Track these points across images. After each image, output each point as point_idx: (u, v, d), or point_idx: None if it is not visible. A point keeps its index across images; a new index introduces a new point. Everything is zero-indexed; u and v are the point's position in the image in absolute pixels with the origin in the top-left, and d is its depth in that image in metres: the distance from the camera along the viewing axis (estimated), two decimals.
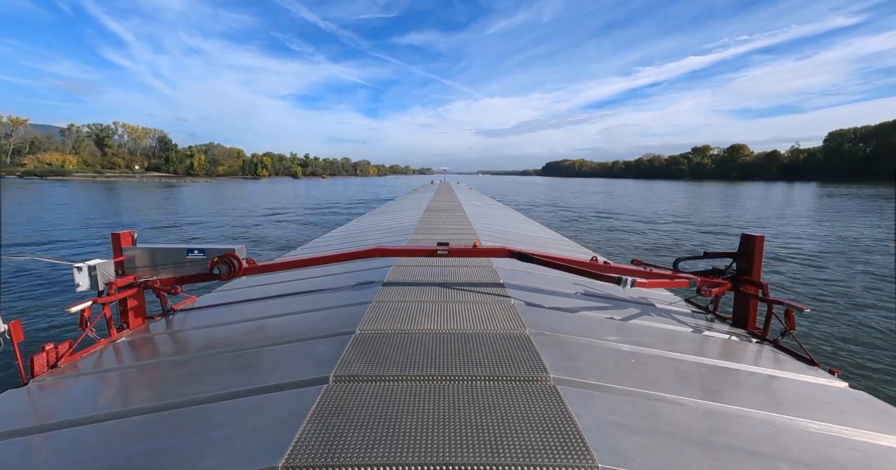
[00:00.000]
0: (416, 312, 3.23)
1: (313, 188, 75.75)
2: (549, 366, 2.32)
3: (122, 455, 1.70)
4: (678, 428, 1.87)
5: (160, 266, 3.69)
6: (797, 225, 23.52)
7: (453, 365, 2.33)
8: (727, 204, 40.92)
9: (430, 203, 15.94)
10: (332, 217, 28.73)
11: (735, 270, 3.89)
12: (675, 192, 65.57)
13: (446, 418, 1.81)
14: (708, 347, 3.12)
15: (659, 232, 21.50)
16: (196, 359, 2.76)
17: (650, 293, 4.66)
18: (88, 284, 3.28)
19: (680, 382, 2.38)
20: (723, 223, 25.27)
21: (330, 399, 1.97)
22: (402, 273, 4.49)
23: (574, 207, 37.28)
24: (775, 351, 3.23)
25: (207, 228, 22.78)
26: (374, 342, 2.66)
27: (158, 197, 46.72)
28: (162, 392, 2.30)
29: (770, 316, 3.50)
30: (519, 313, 3.23)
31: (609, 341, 2.90)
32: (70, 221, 23.58)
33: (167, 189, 63.77)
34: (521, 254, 4.01)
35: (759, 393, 2.44)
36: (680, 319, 3.82)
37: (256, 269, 3.90)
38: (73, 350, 2.94)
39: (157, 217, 27.59)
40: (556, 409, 1.90)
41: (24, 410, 2.28)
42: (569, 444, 1.63)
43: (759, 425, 1.98)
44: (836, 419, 2.12)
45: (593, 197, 52.59)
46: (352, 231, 10.81)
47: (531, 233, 10.28)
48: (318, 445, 1.61)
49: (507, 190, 73.92)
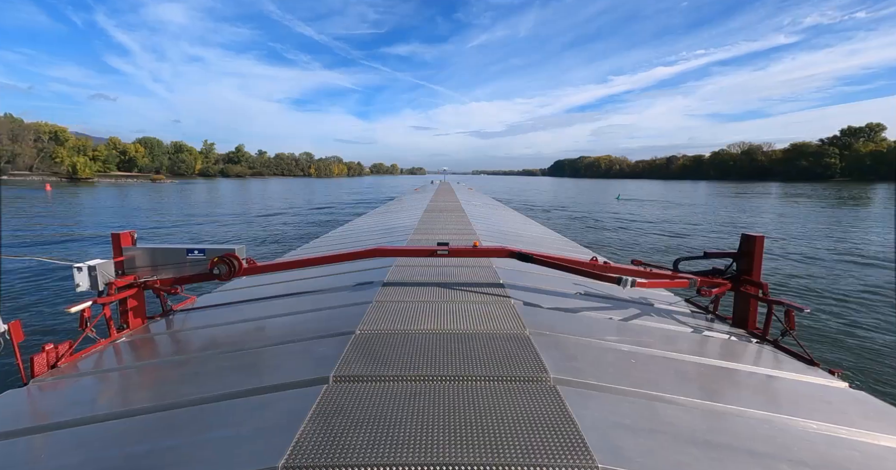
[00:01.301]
0: (416, 312, 3.23)
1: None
2: (549, 366, 2.32)
3: (123, 455, 1.70)
4: (678, 428, 1.86)
5: (160, 266, 3.69)
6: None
7: (453, 365, 2.33)
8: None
9: (430, 203, 15.95)
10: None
11: (735, 270, 3.89)
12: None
13: (446, 418, 1.81)
14: (708, 347, 3.12)
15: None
16: (196, 359, 2.76)
17: (650, 293, 4.66)
18: (88, 284, 3.28)
19: (680, 382, 2.38)
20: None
21: (330, 399, 1.97)
22: (402, 273, 4.49)
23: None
24: (775, 351, 3.23)
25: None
26: (374, 342, 2.66)
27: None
28: (162, 392, 2.30)
29: (770, 316, 3.50)
30: (519, 313, 3.23)
31: (609, 341, 2.90)
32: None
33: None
34: (521, 254, 4.01)
35: (759, 393, 2.44)
36: (680, 319, 3.82)
37: (256, 269, 3.90)
38: (73, 350, 2.94)
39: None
40: (556, 409, 1.90)
41: (24, 410, 2.28)
42: (569, 444, 1.63)
43: (759, 425, 1.98)
44: (836, 419, 2.12)
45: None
46: (352, 231, 10.82)
47: (531, 233, 10.29)
48: (318, 445, 1.61)
49: (533, 195, 53.10)
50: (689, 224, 24.03)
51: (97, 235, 18.44)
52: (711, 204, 39.02)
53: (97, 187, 61.73)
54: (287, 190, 65.47)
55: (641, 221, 25.53)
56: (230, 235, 20.19)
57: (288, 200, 42.71)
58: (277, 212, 31.11)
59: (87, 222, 23.34)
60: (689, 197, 49.73)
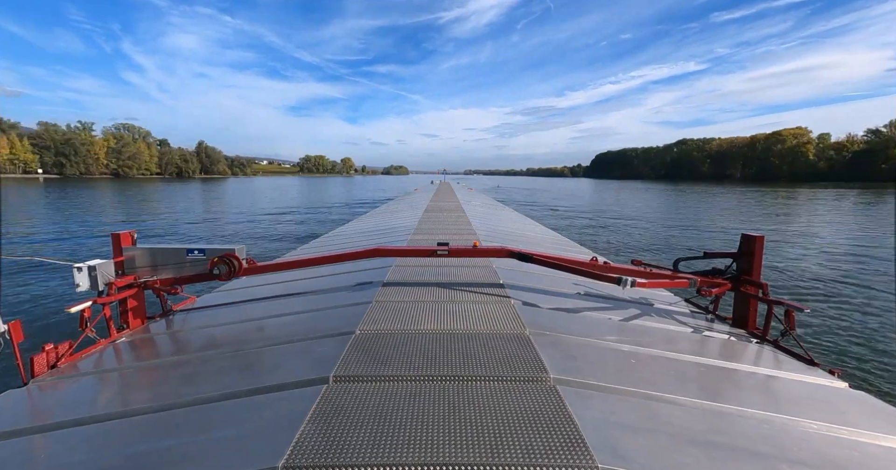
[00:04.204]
0: (416, 313, 3.22)
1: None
2: (549, 366, 2.32)
3: (122, 455, 1.70)
4: (678, 428, 1.86)
5: (160, 266, 3.69)
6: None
7: (453, 365, 2.33)
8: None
9: (430, 203, 15.95)
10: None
11: (735, 271, 3.89)
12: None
13: (446, 418, 1.81)
14: (708, 348, 3.12)
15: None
16: (196, 359, 2.76)
17: (650, 293, 4.66)
18: (88, 284, 3.28)
19: (680, 383, 2.38)
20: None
21: (330, 399, 1.97)
22: (402, 273, 4.49)
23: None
24: (775, 351, 3.23)
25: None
26: (374, 342, 2.66)
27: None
28: (162, 392, 2.29)
29: (770, 316, 3.49)
30: (519, 313, 3.23)
31: (609, 341, 2.90)
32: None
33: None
34: (521, 254, 4.01)
35: (759, 393, 2.44)
36: (680, 319, 3.81)
37: (256, 269, 3.90)
38: (73, 350, 2.94)
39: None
40: (556, 409, 1.90)
41: (24, 410, 2.28)
42: (569, 444, 1.63)
43: (759, 425, 1.98)
44: (836, 419, 2.12)
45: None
46: (352, 231, 10.81)
47: (531, 233, 10.28)
48: (318, 445, 1.61)
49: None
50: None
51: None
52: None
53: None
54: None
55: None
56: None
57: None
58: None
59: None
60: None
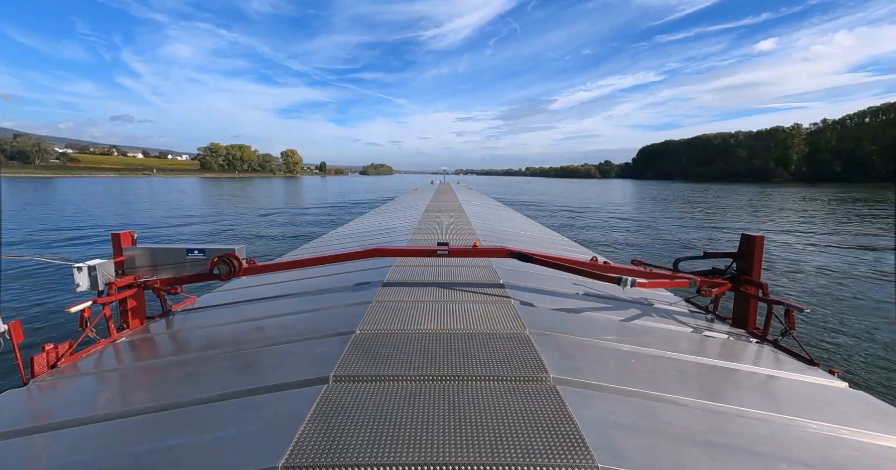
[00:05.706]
0: (416, 312, 3.22)
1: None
2: (549, 366, 2.32)
3: (123, 455, 1.70)
4: (678, 428, 1.86)
5: (160, 266, 3.68)
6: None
7: (453, 365, 2.33)
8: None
9: (430, 203, 15.94)
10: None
11: (735, 270, 3.89)
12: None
13: (446, 418, 1.81)
14: (708, 347, 3.12)
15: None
16: (196, 359, 2.76)
17: (650, 293, 4.66)
18: (88, 284, 3.27)
19: (680, 382, 2.38)
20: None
21: (330, 399, 1.97)
22: (402, 273, 4.49)
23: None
24: (775, 351, 3.23)
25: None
26: (374, 342, 2.66)
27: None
28: (162, 392, 2.29)
29: (770, 316, 3.49)
30: (519, 313, 3.23)
31: (609, 341, 2.90)
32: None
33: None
34: (521, 254, 4.01)
35: (759, 393, 2.44)
36: (680, 319, 3.81)
37: (256, 269, 3.90)
38: (73, 350, 2.93)
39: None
40: (556, 409, 1.90)
41: (24, 410, 2.28)
42: (569, 444, 1.63)
43: (759, 425, 1.98)
44: (836, 419, 2.12)
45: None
46: (352, 231, 10.81)
47: (531, 233, 10.28)
48: (318, 445, 1.61)
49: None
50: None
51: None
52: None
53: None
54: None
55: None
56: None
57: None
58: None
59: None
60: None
